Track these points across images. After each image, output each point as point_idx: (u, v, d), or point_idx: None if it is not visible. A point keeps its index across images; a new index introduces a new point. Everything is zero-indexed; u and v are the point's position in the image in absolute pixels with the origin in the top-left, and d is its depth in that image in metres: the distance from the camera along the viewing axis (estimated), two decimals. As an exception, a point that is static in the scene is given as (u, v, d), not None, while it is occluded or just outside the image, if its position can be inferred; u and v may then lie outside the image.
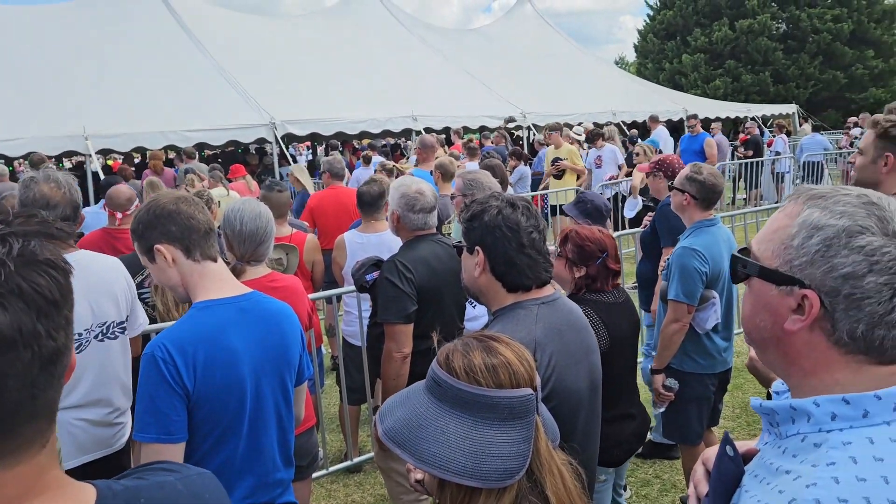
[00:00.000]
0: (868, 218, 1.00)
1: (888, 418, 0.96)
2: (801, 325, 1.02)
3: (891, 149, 2.56)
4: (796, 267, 1.03)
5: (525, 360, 1.32)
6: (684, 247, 3.42)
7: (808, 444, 0.99)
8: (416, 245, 3.19)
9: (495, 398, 1.25)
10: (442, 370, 1.30)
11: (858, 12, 30.97)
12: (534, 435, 1.28)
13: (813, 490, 0.91)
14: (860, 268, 0.97)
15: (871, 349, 0.99)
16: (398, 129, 14.92)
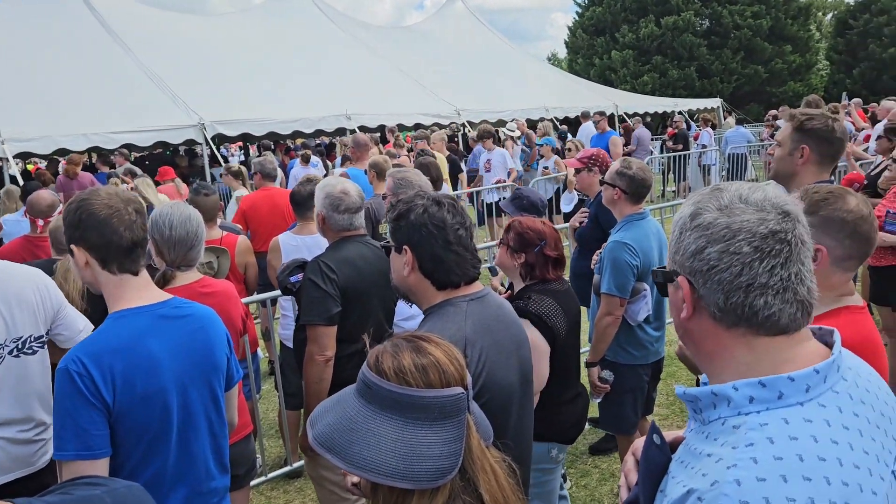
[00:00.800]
0: (709, 201, 1.09)
1: (801, 399, 1.01)
2: (687, 310, 1.10)
3: (806, 141, 2.66)
4: (672, 260, 1.14)
5: (455, 360, 1.32)
6: (615, 241, 3.48)
7: (728, 427, 1.02)
8: (342, 246, 3.14)
9: (426, 398, 1.25)
10: (372, 372, 1.29)
11: (776, 9, 32.22)
12: (465, 434, 1.27)
13: (733, 471, 0.94)
14: (700, 242, 1.07)
15: (740, 319, 1.06)
16: (331, 129, 14.78)
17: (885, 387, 1.15)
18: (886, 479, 0.98)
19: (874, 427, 1.03)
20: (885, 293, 4.55)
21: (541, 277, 2.92)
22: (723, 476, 0.94)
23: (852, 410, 1.03)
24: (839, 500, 0.90)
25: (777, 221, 1.05)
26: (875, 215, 4.34)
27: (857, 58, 33.60)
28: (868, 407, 1.06)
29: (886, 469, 1.00)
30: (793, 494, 0.90)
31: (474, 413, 1.34)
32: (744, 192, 1.09)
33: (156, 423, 1.95)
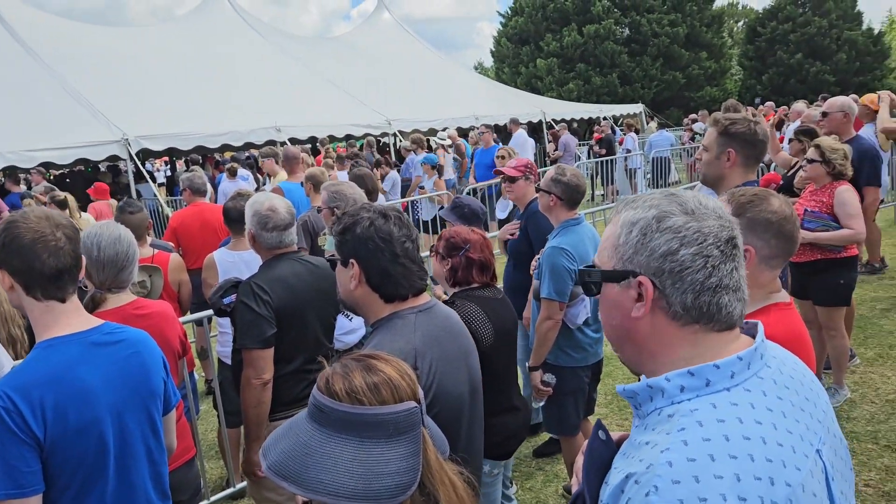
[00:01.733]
0: (670, 204, 1.15)
1: (727, 385, 1.08)
2: (644, 309, 1.14)
3: (732, 145, 2.78)
4: (626, 260, 1.16)
5: (406, 375, 1.32)
6: (553, 246, 3.55)
7: (663, 417, 1.08)
8: (274, 265, 3.08)
9: (380, 416, 1.24)
10: (323, 395, 1.28)
11: (691, 17, 33.54)
12: (422, 447, 1.28)
13: (666, 454, 0.99)
14: (673, 244, 1.12)
15: (702, 316, 1.13)
16: (261, 141, 14.51)
17: (809, 374, 1.24)
18: (810, 457, 1.06)
19: (798, 410, 1.11)
20: (805, 287, 4.78)
21: (464, 280, 2.93)
22: (657, 459, 1.00)
23: (776, 394, 1.10)
24: (763, 475, 0.97)
25: (732, 228, 1.16)
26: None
27: (767, 63, 35.33)
28: (792, 392, 1.13)
29: (811, 447, 1.07)
30: (720, 472, 0.96)
31: (429, 426, 1.35)
32: (700, 198, 1.17)
33: (91, 454, 1.89)
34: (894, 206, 9.56)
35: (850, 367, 5.15)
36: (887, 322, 6.08)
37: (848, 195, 4.50)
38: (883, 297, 6.77)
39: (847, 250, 4.58)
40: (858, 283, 6.90)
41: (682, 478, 0.96)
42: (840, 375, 4.75)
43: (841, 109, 5.69)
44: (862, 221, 4.52)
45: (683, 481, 0.95)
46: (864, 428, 4.36)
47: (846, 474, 1.18)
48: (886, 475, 3.83)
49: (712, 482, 0.95)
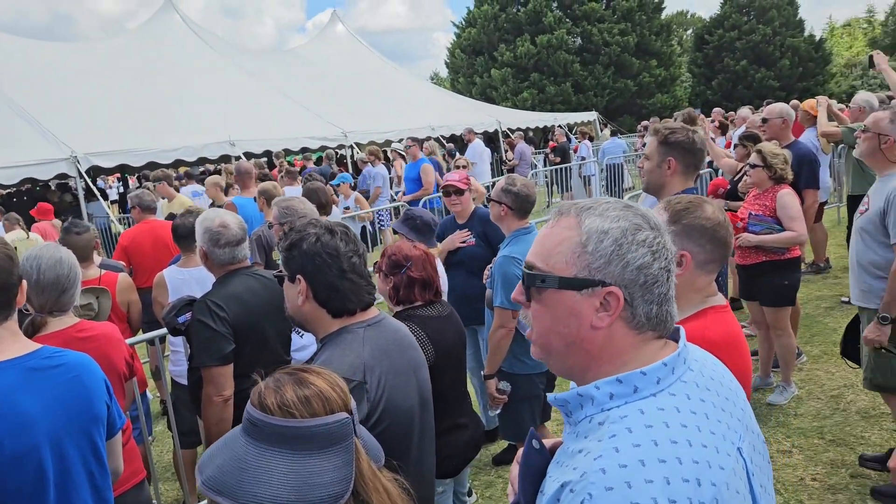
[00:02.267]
0: (635, 217, 1.17)
1: (654, 390, 1.12)
2: (610, 319, 1.15)
3: (672, 154, 2.87)
4: (596, 269, 1.15)
5: (338, 387, 1.35)
6: (504, 255, 3.59)
7: (594, 424, 1.11)
8: (228, 281, 3.08)
9: (311, 427, 1.27)
10: (256, 410, 1.31)
11: (640, 26, 34.28)
12: (355, 457, 1.31)
13: (599, 461, 1.02)
14: (647, 258, 1.14)
15: (658, 325, 1.17)
16: (215, 156, 14.35)
17: (728, 374, 1.28)
18: (732, 455, 1.10)
19: (719, 410, 1.15)
20: (752, 289, 4.92)
21: (406, 299, 2.90)
22: (590, 467, 1.02)
23: (699, 397, 1.14)
24: (691, 476, 1.00)
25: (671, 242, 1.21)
26: (731, 220, 4.69)
27: (715, 70, 36.32)
28: (713, 393, 1.17)
29: (732, 446, 1.11)
30: (650, 476, 0.99)
31: (362, 437, 1.38)
32: (648, 211, 1.21)
33: (30, 483, 1.85)
34: (838, 206, 9.87)
35: (798, 364, 5.31)
36: (832, 320, 6.27)
37: (789, 198, 4.65)
38: (828, 296, 6.99)
39: (790, 252, 4.72)
40: (805, 282, 7.13)
41: (614, 484, 0.98)
42: (788, 373, 4.89)
43: (780, 115, 5.88)
44: (803, 223, 4.67)
45: (616, 487, 0.98)
46: (810, 423, 4.49)
47: (764, 468, 1.23)
48: (832, 469, 3.95)
49: (644, 487, 0.97)
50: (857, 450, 4.09)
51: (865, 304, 3.66)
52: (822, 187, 7.43)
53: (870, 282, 3.63)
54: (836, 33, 52.66)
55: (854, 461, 3.96)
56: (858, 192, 6.28)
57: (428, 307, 2.93)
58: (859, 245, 3.69)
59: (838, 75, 39.07)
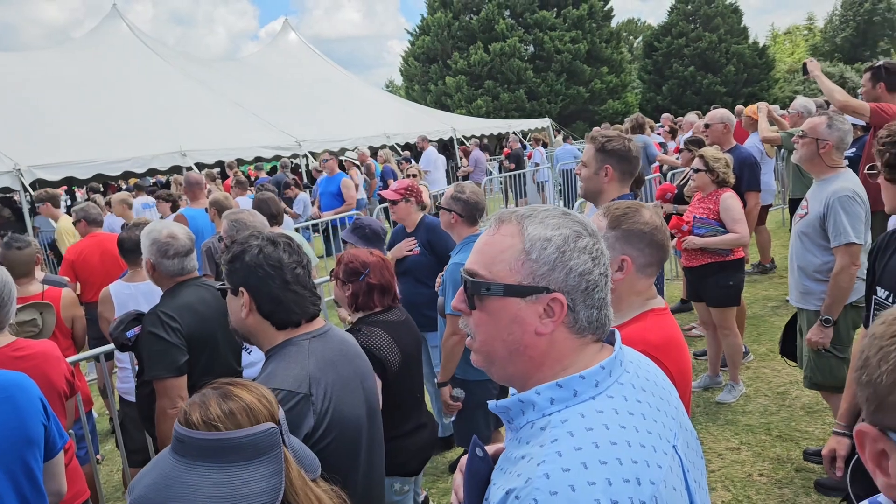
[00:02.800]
0: (575, 224, 1.20)
1: (592, 393, 1.14)
2: (554, 325, 1.17)
3: (608, 161, 2.93)
4: (540, 276, 1.16)
5: (264, 398, 1.36)
6: (455, 262, 3.61)
7: (536, 430, 1.12)
8: (178, 292, 3.05)
9: (236, 439, 1.28)
10: (182, 426, 1.32)
11: (591, 34, 34.82)
12: (284, 467, 1.31)
13: (542, 466, 1.03)
14: (589, 264, 1.17)
15: (598, 328, 1.20)
16: (165, 167, 14.08)
17: (661, 374, 1.32)
18: (668, 454, 1.12)
19: (655, 410, 1.18)
20: (698, 290, 5.04)
21: (365, 306, 2.94)
22: (534, 472, 1.03)
23: (635, 398, 1.16)
24: (631, 476, 1.02)
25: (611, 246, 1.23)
26: (677, 223, 4.78)
27: (664, 76, 37.13)
28: (648, 393, 1.20)
29: (668, 444, 1.14)
30: (592, 478, 1.00)
31: (293, 447, 1.38)
32: (585, 218, 1.24)
33: None
34: (782, 208, 10.16)
35: (745, 363, 5.44)
36: (778, 319, 6.45)
37: (731, 201, 4.78)
38: (773, 296, 7.18)
39: (734, 253, 4.85)
40: (751, 283, 7.33)
41: (558, 488, 0.99)
42: (735, 372, 5.01)
43: (721, 121, 6.05)
44: (745, 225, 4.81)
45: (560, 492, 0.99)
46: (758, 420, 4.61)
47: (698, 464, 1.26)
48: (779, 464, 4.06)
49: (587, 489, 0.99)
50: (802, 444, 4.21)
51: (805, 305, 3.75)
52: (766, 190, 7.66)
53: (809, 284, 3.72)
54: (779, 40, 54.39)
55: (799, 456, 4.08)
56: (799, 196, 6.48)
57: (388, 312, 2.97)
58: (798, 248, 3.77)
59: (781, 81, 40.28)
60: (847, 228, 3.46)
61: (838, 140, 3.62)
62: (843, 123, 3.68)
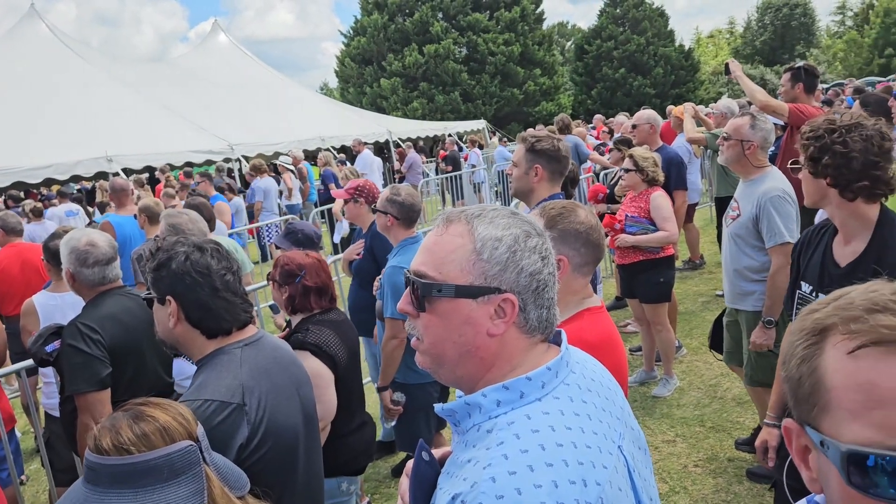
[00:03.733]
0: (523, 224, 1.19)
1: (539, 395, 1.13)
2: (505, 326, 1.15)
3: (538, 161, 2.96)
4: (492, 276, 1.15)
5: (180, 416, 1.31)
6: (393, 266, 3.58)
7: (482, 432, 1.11)
8: (100, 302, 2.94)
9: (150, 461, 1.23)
10: (93, 454, 1.26)
11: (524, 36, 35.28)
12: (206, 485, 1.26)
13: (489, 470, 1.02)
14: (539, 264, 1.16)
15: (547, 328, 1.19)
16: (90, 173, 13.61)
17: (607, 374, 1.32)
18: (614, 454, 1.13)
19: (601, 410, 1.18)
20: (632, 287, 5.15)
21: (302, 308, 2.93)
22: (480, 476, 1.02)
23: (581, 398, 1.16)
24: (577, 478, 1.02)
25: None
26: (610, 222, 4.85)
27: (595, 79, 37.95)
28: (594, 394, 1.20)
29: (613, 445, 1.14)
30: (539, 481, 1.00)
31: (215, 464, 1.33)
32: (532, 218, 1.23)
33: None
34: (710, 206, 10.48)
35: (678, 357, 5.59)
36: (708, 314, 6.64)
37: (661, 200, 4.90)
38: (704, 291, 7.40)
39: (664, 251, 4.97)
40: (682, 279, 7.53)
41: (505, 492, 0.98)
42: (669, 366, 5.14)
43: (647, 122, 6.19)
44: (675, 223, 4.93)
45: (507, 495, 0.98)
46: (692, 413, 4.73)
47: (644, 461, 1.27)
48: (712, 454, 4.17)
49: (533, 492, 0.98)
50: (734, 435, 4.35)
51: (742, 307, 3.74)
52: (693, 189, 7.90)
53: (745, 286, 3.70)
54: (703, 43, 56.26)
55: (731, 445, 4.21)
56: (724, 194, 6.70)
57: (328, 313, 2.96)
58: (733, 250, 3.74)
59: (707, 82, 41.65)
60: (781, 228, 3.47)
61: (762, 140, 3.65)
62: (766, 123, 3.70)
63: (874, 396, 0.71)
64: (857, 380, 0.72)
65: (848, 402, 0.73)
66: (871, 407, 0.71)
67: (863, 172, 2.24)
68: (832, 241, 2.44)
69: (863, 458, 0.72)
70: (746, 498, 3.71)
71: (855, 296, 0.76)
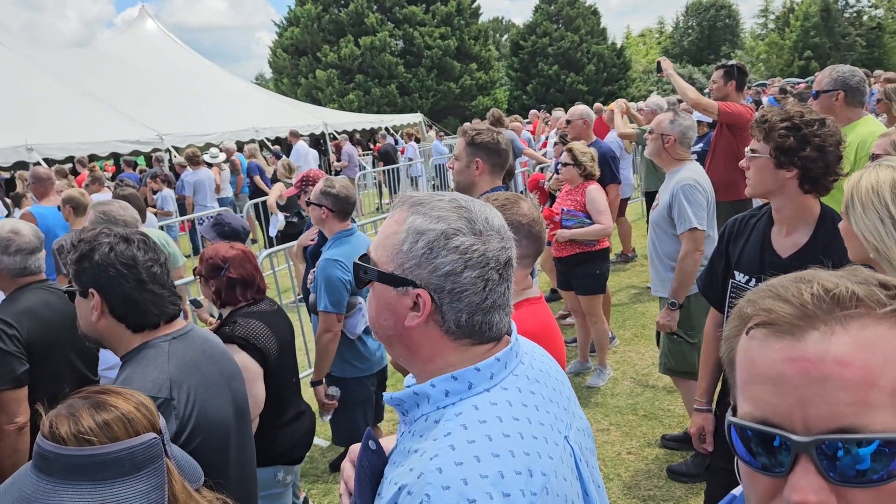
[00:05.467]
0: (459, 220, 1.14)
1: (487, 385, 1.12)
2: (419, 320, 1.13)
3: (479, 154, 2.97)
4: (408, 269, 1.13)
5: (143, 407, 1.24)
6: (326, 258, 3.53)
7: (430, 423, 1.10)
8: (18, 297, 2.81)
9: (112, 453, 1.15)
10: (48, 441, 1.16)
11: (460, 31, 35.36)
12: (167, 479, 1.20)
13: (435, 460, 1.01)
14: (458, 266, 1.12)
15: (473, 333, 1.15)
16: (9, 163, 12.93)
17: (555, 365, 1.33)
18: (560, 444, 1.13)
19: (548, 401, 1.18)
20: (568, 279, 5.22)
21: (228, 301, 2.88)
22: (426, 467, 1.01)
23: (529, 389, 1.16)
24: (523, 468, 1.02)
25: (510, 249, 1.18)
26: (548, 215, 4.90)
27: (530, 74, 38.38)
28: (542, 385, 1.20)
29: (560, 435, 1.15)
30: (485, 471, 0.99)
31: (175, 457, 1.27)
32: (487, 213, 1.17)
33: None
34: (641, 201, 10.74)
35: (612, 348, 5.70)
36: (641, 305, 6.81)
37: (596, 193, 4.98)
38: (636, 283, 7.58)
39: (600, 243, 5.06)
40: (614, 272, 7.68)
41: (451, 483, 0.97)
42: (603, 356, 5.24)
43: (581, 117, 6.30)
44: (609, 216, 5.02)
45: (453, 486, 0.97)
46: (625, 402, 4.84)
47: (591, 449, 1.28)
48: (645, 441, 4.28)
49: (479, 482, 0.98)
50: (665, 422, 4.47)
51: (662, 293, 3.92)
52: (626, 183, 8.07)
53: (664, 272, 3.90)
54: (634, 42, 57.60)
55: (663, 432, 4.32)
56: (652, 189, 6.87)
57: (258, 304, 2.91)
58: (654, 238, 3.96)
59: (638, 80, 42.66)
60: (689, 215, 3.65)
61: (680, 135, 3.84)
62: (686, 119, 3.91)
63: (752, 373, 0.74)
64: (746, 357, 0.76)
65: (740, 378, 0.77)
66: (748, 382, 0.75)
67: (833, 167, 2.27)
68: (769, 231, 2.45)
69: (731, 428, 0.76)
70: (677, 484, 3.82)
71: (772, 281, 0.78)
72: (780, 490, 0.71)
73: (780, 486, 0.71)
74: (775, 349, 0.72)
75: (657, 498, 3.72)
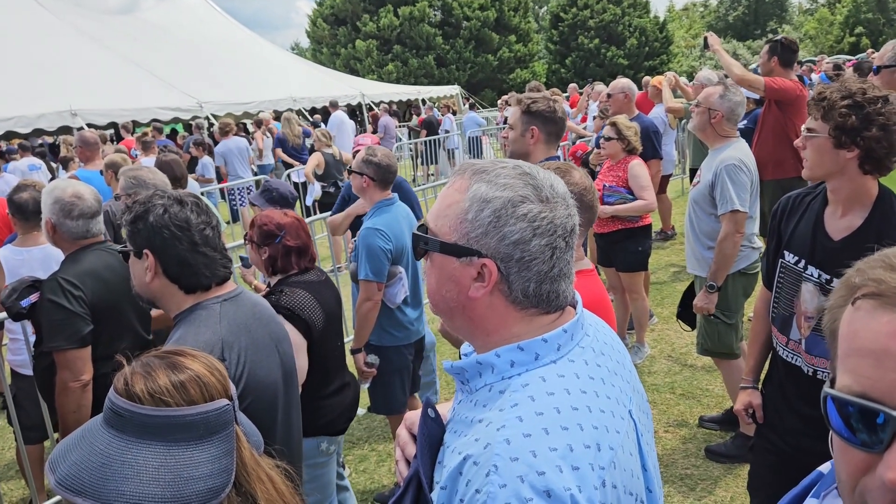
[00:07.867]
0: (525, 188, 1.11)
1: (554, 357, 1.10)
2: (484, 291, 1.11)
3: (534, 122, 2.93)
4: (473, 239, 1.11)
5: (216, 370, 1.24)
6: (368, 227, 3.53)
7: (495, 393, 1.09)
8: (81, 257, 2.85)
9: (188, 417, 1.16)
10: (122, 398, 1.16)
11: (499, 2, 34.82)
12: (236, 446, 1.21)
13: (503, 431, 1.00)
14: (526, 234, 1.09)
15: (541, 303, 1.13)
16: (54, 127, 13.21)
17: (616, 338, 1.31)
18: (625, 419, 1.12)
19: (613, 374, 1.17)
20: (609, 255, 5.16)
21: (283, 269, 2.87)
22: (493, 438, 1.00)
23: (595, 362, 1.14)
24: (591, 442, 1.01)
25: (575, 217, 1.15)
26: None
27: (570, 48, 37.69)
28: (607, 357, 1.19)
29: (624, 409, 1.14)
30: (554, 444, 0.99)
31: (242, 423, 1.27)
32: (552, 180, 1.14)
33: None
34: (682, 178, 10.56)
35: (650, 326, 5.65)
36: (680, 284, 6.72)
37: (639, 168, 4.90)
38: (676, 262, 7.48)
39: (642, 220, 4.99)
40: (654, 250, 7.57)
41: (520, 454, 0.97)
42: (642, 334, 5.19)
43: (622, 91, 6.16)
44: (653, 192, 4.94)
45: (521, 458, 0.96)
46: (663, 380, 4.80)
47: (648, 426, 1.27)
48: (682, 420, 4.24)
49: (548, 455, 0.97)
50: (703, 401, 4.43)
51: (699, 272, 3.85)
52: (668, 160, 7.92)
53: (701, 251, 3.82)
54: (676, 16, 56.27)
55: (701, 412, 4.28)
56: (699, 165, 6.72)
57: (306, 273, 2.89)
58: (692, 216, 3.86)
59: (680, 55, 41.70)
60: (732, 196, 3.54)
61: (728, 111, 3.70)
62: (736, 95, 3.75)
63: (854, 345, 0.72)
64: (850, 328, 0.74)
65: (841, 349, 0.75)
66: (849, 354, 0.73)
67: None
68: (823, 212, 2.33)
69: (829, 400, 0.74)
70: (715, 464, 3.78)
71: (887, 251, 0.76)
72: (873, 466, 0.69)
73: (873, 462, 0.69)
74: (882, 322, 0.69)
75: (694, 477, 3.70)
